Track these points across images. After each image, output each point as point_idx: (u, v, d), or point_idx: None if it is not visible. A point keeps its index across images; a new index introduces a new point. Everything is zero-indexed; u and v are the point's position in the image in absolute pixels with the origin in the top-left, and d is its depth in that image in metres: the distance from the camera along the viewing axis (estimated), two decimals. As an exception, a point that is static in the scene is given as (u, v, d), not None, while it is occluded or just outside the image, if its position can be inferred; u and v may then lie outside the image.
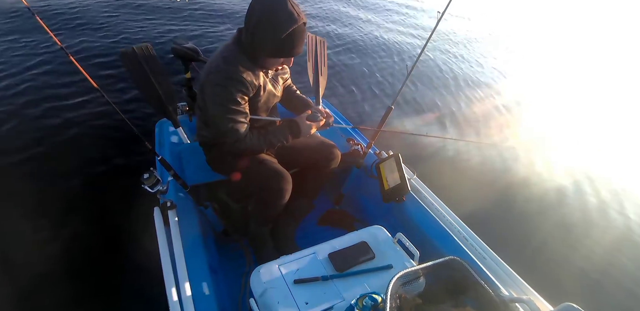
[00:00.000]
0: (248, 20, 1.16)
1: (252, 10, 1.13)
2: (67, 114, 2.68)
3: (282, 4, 1.09)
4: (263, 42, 1.15)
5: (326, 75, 1.84)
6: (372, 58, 4.67)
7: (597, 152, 3.76)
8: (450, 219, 1.52)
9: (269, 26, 1.11)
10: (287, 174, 1.41)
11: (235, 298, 1.45)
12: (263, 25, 1.12)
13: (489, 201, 2.61)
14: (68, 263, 1.74)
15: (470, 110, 4.02)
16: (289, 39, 1.13)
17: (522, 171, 3.14)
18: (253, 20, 1.13)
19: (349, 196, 1.95)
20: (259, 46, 1.18)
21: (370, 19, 6.23)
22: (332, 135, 1.85)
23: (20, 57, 3.28)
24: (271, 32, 1.11)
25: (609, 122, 4.49)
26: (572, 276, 2.24)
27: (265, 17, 1.11)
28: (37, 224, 1.89)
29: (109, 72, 3.24)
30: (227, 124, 1.24)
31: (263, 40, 1.15)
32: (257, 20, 1.12)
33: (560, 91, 5.20)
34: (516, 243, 2.37)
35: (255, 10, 1.12)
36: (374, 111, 3.50)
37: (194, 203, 1.45)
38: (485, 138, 3.60)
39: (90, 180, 2.20)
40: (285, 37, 1.12)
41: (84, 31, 3.89)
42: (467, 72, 5.01)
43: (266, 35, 1.13)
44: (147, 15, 4.52)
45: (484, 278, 1.03)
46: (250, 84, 1.23)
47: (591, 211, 2.86)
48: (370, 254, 1.17)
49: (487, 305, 0.98)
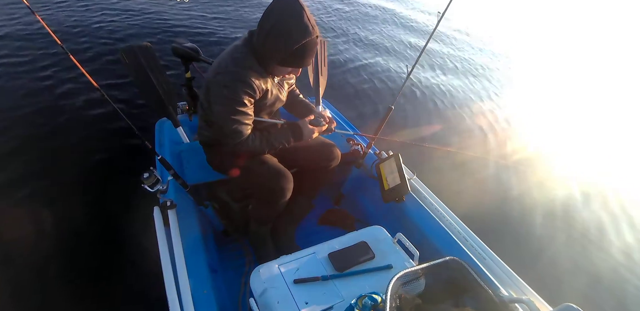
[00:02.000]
0: (262, 25, 1.14)
1: (268, 15, 1.12)
2: (66, 113, 2.68)
3: (299, 16, 1.08)
4: (274, 49, 1.14)
5: (326, 75, 1.84)
6: (372, 58, 4.67)
7: (597, 152, 3.77)
8: (450, 219, 1.51)
9: (282, 36, 1.10)
10: (288, 173, 1.41)
11: (235, 298, 1.45)
12: (276, 33, 1.11)
13: (488, 201, 2.62)
14: (67, 263, 1.74)
15: (473, 108, 4.02)
16: (300, 50, 1.13)
17: (522, 170, 3.14)
18: (267, 26, 1.12)
19: (349, 196, 1.95)
20: (269, 52, 1.17)
21: (370, 19, 6.22)
22: (333, 135, 1.84)
23: (20, 56, 3.27)
24: (283, 41, 1.11)
25: (613, 128, 4.48)
26: (572, 277, 2.25)
27: (280, 26, 1.09)
28: (37, 223, 1.89)
29: (109, 71, 3.24)
30: (232, 125, 1.23)
31: (274, 48, 1.14)
32: (271, 27, 1.11)
33: (569, 94, 5.19)
34: (516, 243, 2.38)
35: (272, 16, 1.11)
36: (374, 112, 3.50)
37: (194, 203, 1.45)
38: (486, 138, 3.59)
39: (90, 179, 2.20)
40: (296, 49, 1.12)
41: (85, 31, 3.89)
42: (468, 72, 5.01)
43: (278, 43, 1.12)
44: (148, 14, 4.52)
45: (483, 278, 1.03)
46: (258, 88, 1.22)
47: (591, 210, 2.87)
48: (370, 254, 1.17)
49: (486, 305, 0.98)
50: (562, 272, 2.27)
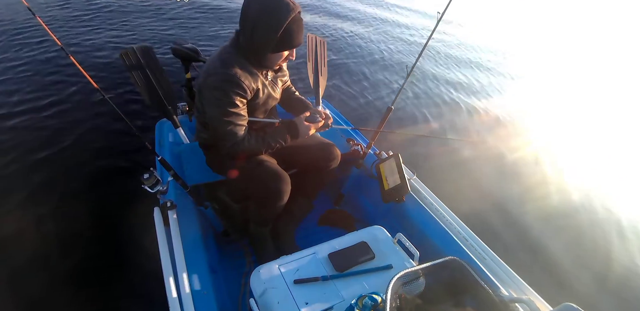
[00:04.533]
0: (244, 20, 1.16)
1: (247, 8, 1.14)
2: (66, 114, 2.68)
3: None
4: (264, 37, 1.15)
5: (326, 75, 1.84)
6: (372, 58, 4.67)
7: (599, 150, 3.77)
8: (450, 219, 1.51)
9: (268, 21, 1.11)
10: (286, 175, 1.40)
11: (235, 298, 1.45)
12: (262, 21, 1.12)
13: (488, 201, 2.61)
14: (67, 263, 1.74)
15: (473, 109, 4.02)
16: (289, 29, 1.14)
17: (522, 171, 3.14)
18: (250, 19, 1.13)
19: (349, 196, 1.95)
20: (260, 43, 1.17)
21: (371, 18, 6.23)
22: (332, 135, 1.85)
23: (20, 57, 3.28)
24: (271, 26, 1.12)
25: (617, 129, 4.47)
26: (572, 276, 2.24)
27: (263, 13, 1.11)
28: (37, 223, 1.89)
29: (109, 72, 3.24)
30: (226, 126, 1.23)
31: (264, 35, 1.15)
32: (255, 18, 1.13)
33: (569, 94, 5.18)
34: (516, 243, 2.38)
35: (251, 7, 1.13)
36: (374, 111, 3.50)
37: (194, 203, 1.45)
38: (486, 137, 3.60)
39: (90, 180, 2.20)
40: (285, 29, 1.13)
41: (84, 31, 3.89)
42: (467, 72, 5.01)
43: (267, 30, 1.13)
44: (148, 15, 4.53)
45: (483, 278, 1.03)
46: (249, 87, 1.22)
47: (592, 210, 2.86)
48: (370, 254, 1.17)
49: (487, 305, 0.98)
50: (563, 272, 2.27)
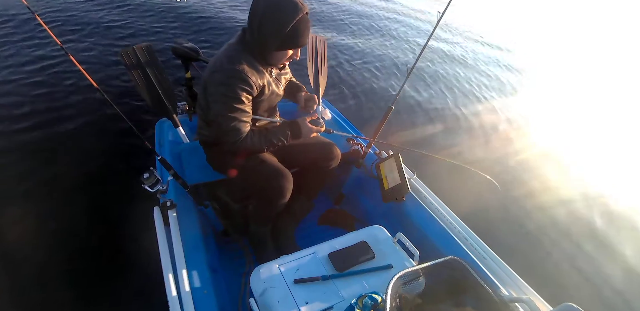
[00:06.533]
0: (252, 17, 1.17)
1: (256, 6, 1.15)
2: (66, 114, 2.68)
3: None
4: (270, 35, 1.16)
5: (326, 75, 1.83)
6: (372, 57, 4.66)
7: (600, 153, 3.77)
8: (450, 219, 1.51)
9: (275, 19, 1.13)
10: (288, 172, 1.41)
11: (235, 298, 1.45)
12: (269, 18, 1.13)
13: (488, 201, 2.61)
14: (67, 263, 1.74)
15: (473, 110, 4.02)
16: (295, 29, 1.14)
17: (523, 170, 3.14)
18: (258, 16, 1.15)
19: (349, 196, 1.95)
20: (266, 41, 1.18)
21: (371, 18, 6.22)
22: (333, 135, 1.85)
23: (20, 57, 3.27)
24: (278, 24, 1.13)
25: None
26: (572, 276, 2.24)
27: (270, 11, 1.12)
28: (37, 223, 1.89)
29: (109, 71, 3.24)
30: (230, 122, 1.24)
31: (270, 33, 1.16)
32: (262, 14, 1.14)
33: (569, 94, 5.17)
34: (516, 243, 2.37)
35: (260, 4, 1.14)
36: (374, 111, 3.49)
37: (194, 203, 1.45)
38: (488, 138, 3.59)
39: (90, 180, 2.20)
40: (292, 28, 1.14)
41: (84, 31, 3.89)
42: (467, 72, 5.01)
43: (273, 27, 1.14)
44: (147, 14, 4.52)
45: (484, 278, 1.03)
46: (255, 84, 1.23)
47: (593, 210, 2.86)
48: (370, 254, 1.17)
49: (487, 305, 0.98)
50: (563, 272, 2.27)
